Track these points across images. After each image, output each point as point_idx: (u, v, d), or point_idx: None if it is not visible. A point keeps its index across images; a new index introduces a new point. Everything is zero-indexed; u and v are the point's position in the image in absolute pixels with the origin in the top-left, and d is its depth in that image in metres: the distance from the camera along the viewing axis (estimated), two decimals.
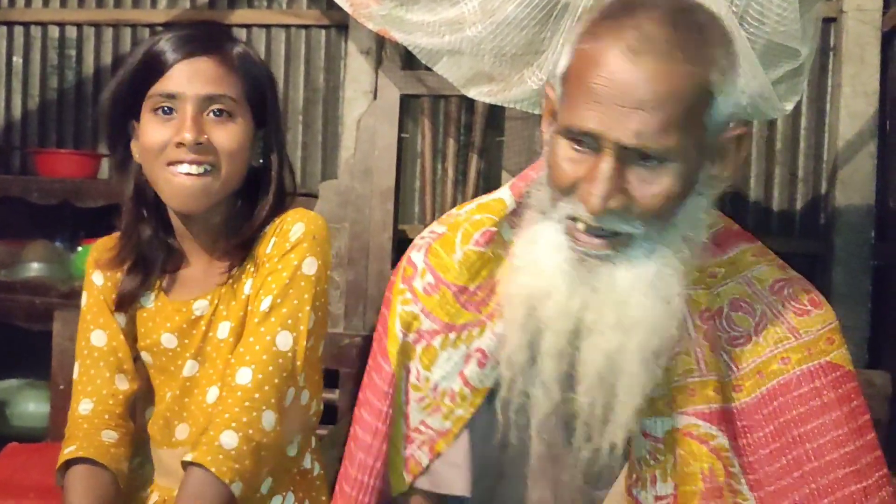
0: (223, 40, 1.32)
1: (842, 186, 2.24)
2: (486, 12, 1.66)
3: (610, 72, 0.93)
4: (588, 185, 0.95)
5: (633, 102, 0.92)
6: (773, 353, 1.09)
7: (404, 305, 1.11)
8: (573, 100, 0.96)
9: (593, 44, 0.95)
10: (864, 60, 2.22)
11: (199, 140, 1.24)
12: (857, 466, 1.06)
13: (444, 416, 1.10)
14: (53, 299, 2.32)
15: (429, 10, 1.75)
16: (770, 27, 1.43)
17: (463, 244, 1.10)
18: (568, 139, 0.97)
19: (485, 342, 1.09)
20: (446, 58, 1.80)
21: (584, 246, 0.99)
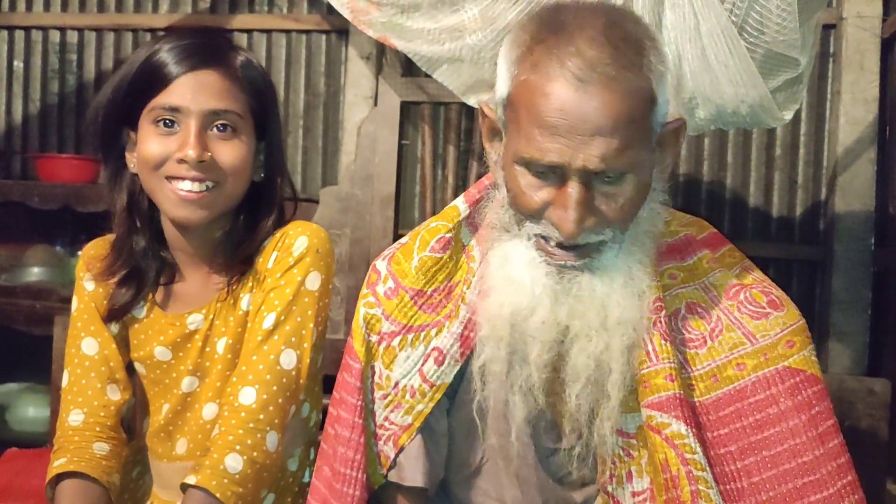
0: (227, 51, 1.28)
1: (841, 193, 2.25)
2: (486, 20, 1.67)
3: (562, 104, 0.95)
4: (560, 211, 0.98)
5: (590, 130, 0.95)
6: (729, 359, 1.09)
7: (368, 308, 1.17)
8: (526, 131, 0.97)
9: (535, 73, 0.97)
10: (864, 67, 2.23)
11: (202, 158, 1.21)
12: (816, 476, 1.05)
13: (405, 412, 1.15)
14: (54, 303, 2.33)
15: (429, 17, 1.76)
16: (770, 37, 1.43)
17: (420, 251, 1.17)
18: (525, 168, 1.00)
19: (441, 341, 1.14)
20: (446, 65, 1.81)
21: (560, 260, 1.03)
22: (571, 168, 0.96)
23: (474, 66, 1.76)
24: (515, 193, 1.02)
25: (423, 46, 1.78)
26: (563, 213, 0.98)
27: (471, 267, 1.15)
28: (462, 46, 1.71)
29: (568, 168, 0.96)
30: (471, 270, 1.15)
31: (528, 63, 0.98)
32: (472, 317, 1.13)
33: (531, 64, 0.97)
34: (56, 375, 1.97)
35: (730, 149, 2.41)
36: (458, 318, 1.14)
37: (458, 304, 1.14)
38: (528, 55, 0.98)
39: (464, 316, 1.14)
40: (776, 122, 1.66)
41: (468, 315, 1.13)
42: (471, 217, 1.18)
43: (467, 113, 2.44)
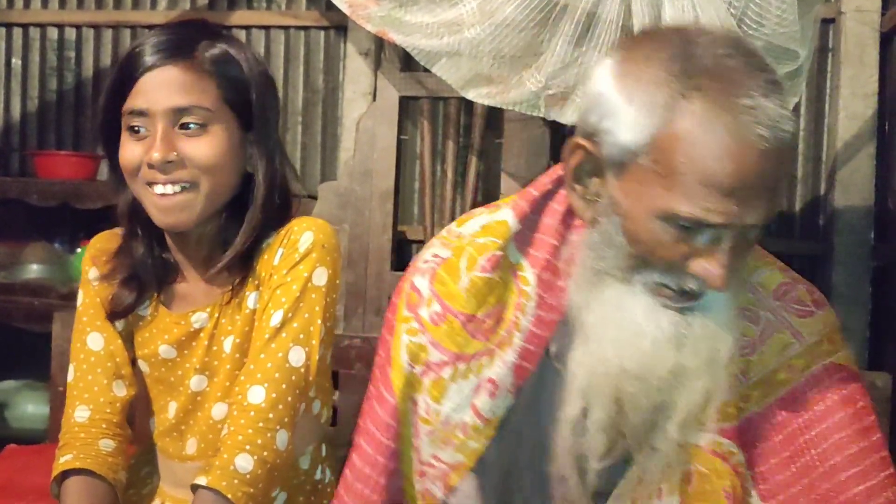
0: (195, 42, 1.22)
1: (841, 187, 2.24)
2: (484, 14, 1.67)
3: (742, 166, 0.88)
4: (712, 266, 0.93)
5: (763, 190, 0.90)
6: (780, 363, 1.08)
7: (411, 336, 1.08)
8: (686, 188, 0.90)
9: (703, 128, 0.89)
10: (863, 62, 2.22)
11: (167, 159, 1.18)
12: (860, 467, 1.05)
13: (456, 449, 1.07)
14: (53, 301, 2.32)
15: (427, 11, 1.75)
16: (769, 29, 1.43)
17: (469, 270, 1.06)
18: (672, 222, 0.93)
19: (495, 371, 1.06)
20: (445, 59, 1.81)
21: (680, 303, 0.98)
22: (738, 228, 0.92)
23: (473, 60, 1.75)
24: (652, 246, 0.95)
25: (421, 40, 1.78)
26: (718, 270, 0.93)
27: (524, 290, 1.06)
28: (461, 40, 1.71)
29: (733, 227, 0.92)
30: (524, 294, 1.06)
31: (687, 111, 0.89)
32: (527, 346, 1.06)
33: (692, 113, 0.89)
34: (55, 372, 1.97)
35: None
36: (511, 347, 1.05)
37: (512, 332, 1.06)
38: (683, 101, 0.89)
39: (518, 344, 1.06)
40: None
41: (523, 344, 1.06)
42: (520, 234, 1.07)
43: (466, 108, 2.44)
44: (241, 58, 1.25)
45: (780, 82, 0.92)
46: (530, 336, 1.05)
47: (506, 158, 2.27)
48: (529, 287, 1.06)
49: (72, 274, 2.46)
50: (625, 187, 0.95)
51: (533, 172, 2.24)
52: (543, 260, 1.06)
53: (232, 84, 1.23)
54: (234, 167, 1.24)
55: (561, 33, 1.66)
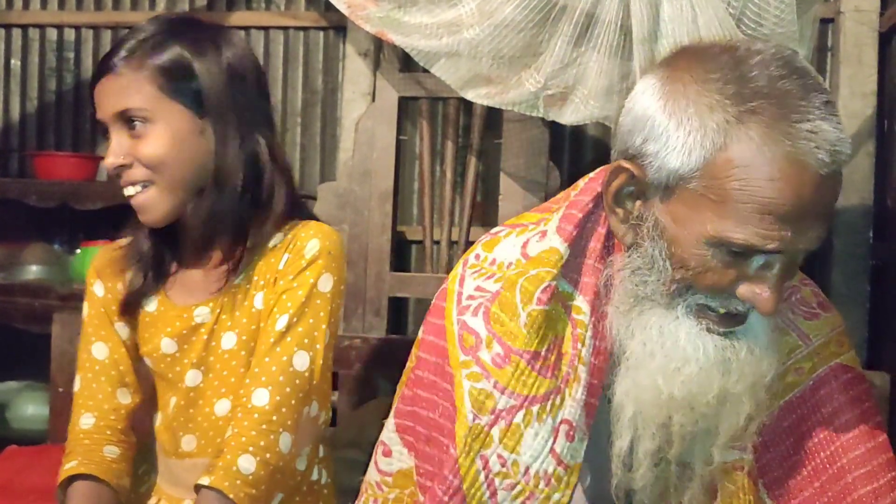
0: (135, 46, 1.24)
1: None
2: (483, 14, 1.67)
3: (800, 193, 0.86)
4: (761, 291, 0.92)
5: (818, 216, 0.89)
6: (788, 366, 1.07)
7: (474, 382, 1.00)
8: (738, 213, 0.88)
9: (761, 154, 0.86)
10: (862, 61, 2.22)
11: (116, 164, 1.23)
12: (868, 468, 1.05)
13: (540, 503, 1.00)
14: (52, 301, 2.32)
15: (426, 12, 1.76)
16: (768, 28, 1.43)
17: (525, 305, 1.00)
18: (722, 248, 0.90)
19: (569, 412, 1.00)
20: (444, 60, 1.81)
21: (724, 327, 0.96)
22: (790, 250, 0.90)
23: (472, 61, 1.75)
24: (701, 272, 0.92)
25: (420, 41, 1.78)
26: (768, 295, 0.91)
27: (579, 320, 1.01)
28: (460, 41, 1.71)
29: (787, 253, 0.90)
30: (580, 324, 1.01)
31: (743, 136, 0.86)
32: (591, 380, 1.01)
33: (749, 138, 0.86)
34: (55, 373, 1.97)
35: None
36: (578, 383, 1.00)
37: (576, 365, 1.00)
38: (739, 126, 0.87)
39: (585, 379, 1.00)
40: None
41: (588, 378, 1.01)
42: (568, 262, 1.02)
43: (466, 108, 2.44)
44: (186, 49, 1.24)
45: (834, 103, 0.90)
46: (593, 369, 1.01)
47: (505, 159, 2.27)
48: (584, 316, 1.01)
49: (71, 275, 2.46)
50: (672, 211, 0.93)
51: (532, 173, 2.25)
52: (594, 287, 1.02)
53: (169, 71, 1.23)
54: (189, 155, 1.25)
55: (560, 34, 1.66)
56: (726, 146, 0.87)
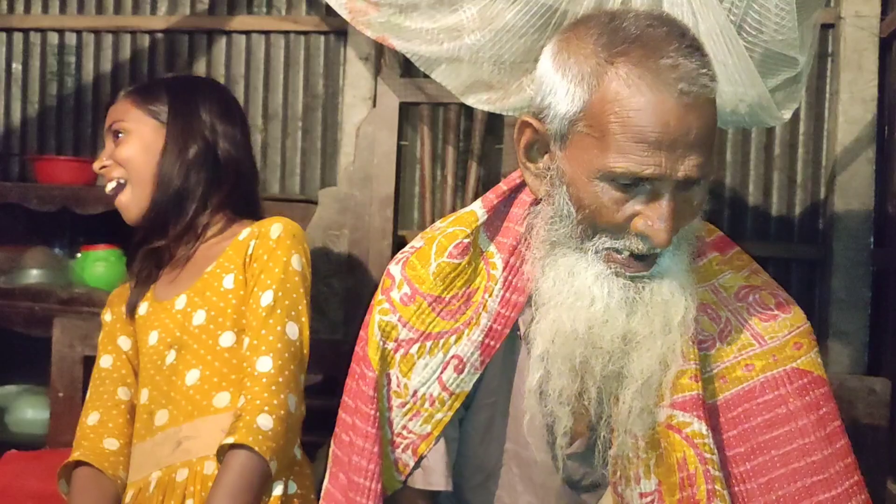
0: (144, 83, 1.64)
1: (840, 192, 2.25)
2: (484, 20, 1.66)
3: (666, 118, 0.94)
4: (653, 222, 0.98)
5: (691, 143, 0.96)
6: (737, 360, 1.10)
7: (383, 315, 1.16)
8: (618, 145, 0.96)
9: (629, 87, 0.96)
10: (862, 66, 2.23)
11: (101, 164, 1.56)
12: (825, 475, 1.06)
13: (423, 421, 1.15)
14: (53, 305, 2.32)
15: (427, 17, 1.75)
16: (768, 36, 1.43)
17: (437, 256, 1.15)
18: (612, 182, 0.99)
19: (461, 349, 1.13)
20: (445, 65, 1.81)
21: (633, 271, 1.02)
22: (670, 180, 0.96)
23: (473, 66, 1.75)
24: (595, 209, 1.00)
25: (421, 46, 1.78)
26: (659, 225, 0.98)
27: (492, 274, 1.14)
28: (460, 46, 1.71)
29: (666, 180, 0.96)
30: (492, 278, 1.14)
31: (613, 75, 0.97)
32: (493, 325, 1.13)
33: (618, 76, 0.96)
34: (55, 378, 1.97)
35: (729, 148, 2.41)
36: (478, 326, 1.13)
37: (479, 312, 1.13)
38: (611, 68, 0.97)
39: (485, 324, 1.13)
40: (775, 121, 1.66)
41: (489, 323, 1.13)
42: (488, 223, 1.16)
43: (466, 113, 2.44)
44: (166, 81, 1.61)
45: (700, 46, 0.99)
46: (497, 316, 1.13)
47: (506, 163, 2.27)
48: (497, 271, 1.14)
49: (72, 279, 2.46)
50: (568, 156, 1.02)
51: None
52: (510, 246, 1.14)
53: (149, 99, 1.56)
54: (152, 158, 1.53)
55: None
56: (600, 86, 0.98)
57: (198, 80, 1.73)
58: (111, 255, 2.43)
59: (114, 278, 2.36)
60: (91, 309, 2.28)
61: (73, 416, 1.86)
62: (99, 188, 2.54)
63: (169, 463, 1.40)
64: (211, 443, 1.37)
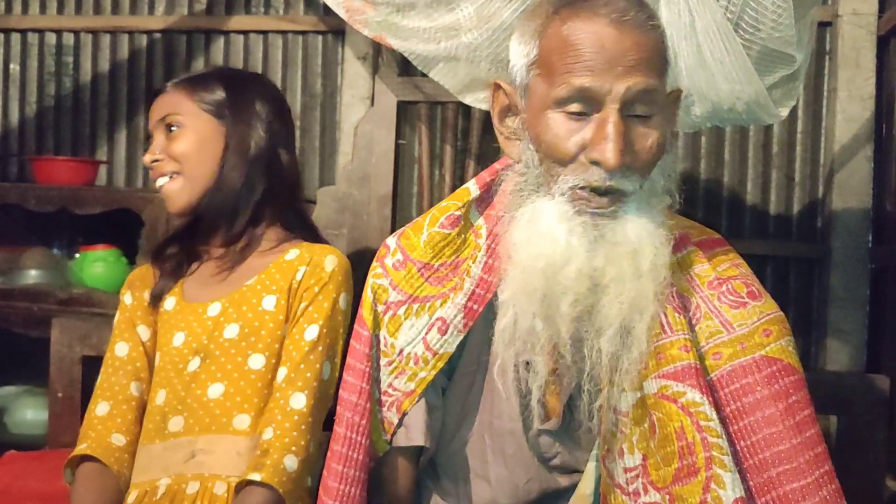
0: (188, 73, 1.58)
1: (839, 190, 2.25)
2: (482, 18, 1.67)
3: (601, 41, 1.02)
4: (601, 144, 1.03)
5: (629, 62, 1.02)
6: (706, 349, 1.10)
7: (375, 279, 1.23)
8: (562, 71, 1.04)
9: (567, 25, 1.04)
10: (860, 64, 2.23)
11: (153, 158, 1.51)
12: (794, 465, 1.05)
13: (408, 378, 1.20)
14: (51, 306, 2.32)
15: (425, 16, 1.75)
16: (765, 33, 1.43)
17: (430, 227, 1.21)
18: (562, 111, 1.04)
19: (445, 312, 1.19)
20: (442, 64, 1.81)
21: (593, 206, 1.05)
22: (611, 95, 1.02)
23: (470, 65, 1.75)
24: (550, 142, 1.06)
25: (418, 45, 1.78)
26: (606, 145, 1.02)
27: (478, 243, 1.20)
28: (458, 45, 1.71)
29: (608, 96, 1.02)
30: (477, 246, 1.19)
31: (557, 21, 1.05)
32: (476, 290, 1.18)
33: (560, 20, 1.05)
34: (54, 378, 1.97)
35: (727, 146, 2.41)
36: (462, 291, 1.18)
37: (464, 278, 1.18)
38: (555, 16, 1.06)
39: (468, 289, 1.18)
40: (772, 118, 1.66)
41: (472, 288, 1.18)
42: (480, 199, 1.22)
43: (464, 112, 2.44)
44: (218, 73, 1.56)
45: (645, 5, 1.07)
46: (479, 281, 1.18)
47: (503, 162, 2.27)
48: (481, 239, 1.19)
49: (70, 279, 2.46)
50: (529, 105, 1.10)
51: None
52: (496, 217, 1.19)
53: (205, 92, 1.51)
54: (210, 153, 1.49)
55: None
56: (546, 32, 1.07)
57: (252, 75, 1.65)
58: (110, 256, 2.43)
59: (113, 278, 2.35)
60: (90, 309, 2.28)
61: (72, 417, 1.87)
62: (97, 188, 2.54)
63: (180, 472, 1.38)
64: (225, 462, 1.36)
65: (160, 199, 2.26)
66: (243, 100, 1.52)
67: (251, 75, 1.63)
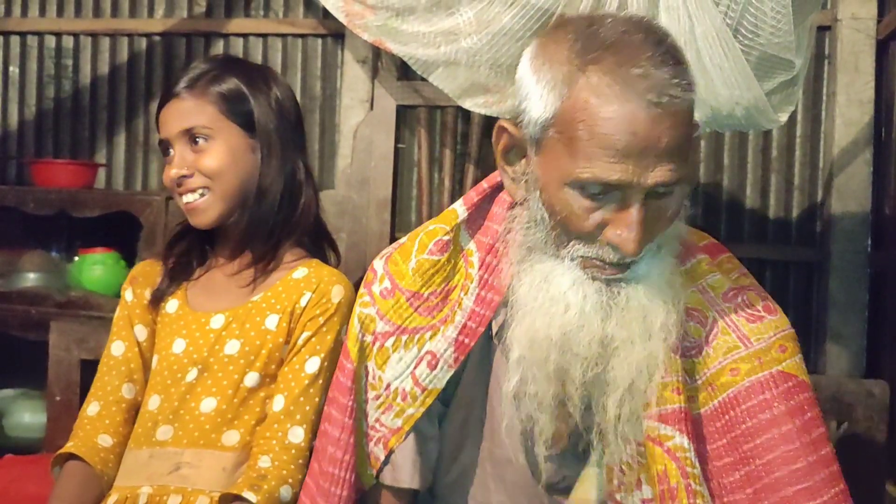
0: (200, 74, 1.44)
1: (838, 194, 2.25)
2: (481, 23, 1.67)
3: (634, 127, 0.94)
4: (622, 232, 0.98)
5: (660, 151, 0.95)
6: (723, 365, 1.09)
7: (363, 308, 1.18)
8: (586, 152, 0.96)
9: (598, 96, 0.95)
10: (859, 69, 2.23)
11: (181, 174, 1.41)
12: (809, 483, 1.04)
13: (395, 415, 1.16)
14: (50, 309, 2.32)
15: (424, 20, 1.76)
16: (764, 39, 1.44)
17: (418, 253, 1.17)
18: (580, 190, 0.98)
19: (435, 345, 1.14)
20: (442, 68, 1.81)
21: (606, 274, 1.02)
22: (639, 188, 0.96)
23: (470, 70, 1.75)
24: (566, 216, 1.00)
25: (418, 50, 1.78)
26: (628, 235, 0.97)
27: (469, 273, 1.15)
28: (457, 50, 1.71)
29: (635, 188, 0.96)
30: (469, 276, 1.15)
31: (584, 83, 0.96)
32: (468, 322, 1.14)
33: (589, 85, 0.96)
34: (52, 381, 1.96)
35: (726, 151, 2.41)
36: (453, 323, 1.14)
37: (455, 310, 1.14)
38: (581, 75, 0.96)
39: (459, 321, 1.14)
40: (771, 123, 1.66)
41: (464, 321, 1.14)
42: (469, 221, 1.17)
43: (463, 116, 2.44)
44: (242, 80, 1.45)
45: (675, 54, 0.98)
46: (471, 314, 1.13)
47: None
48: (473, 269, 1.14)
49: (69, 282, 2.46)
50: (542, 161, 1.02)
51: None
52: (488, 245, 1.15)
53: (232, 102, 1.43)
54: (242, 168, 1.43)
55: None
56: (571, 94, 0.97)
57: (270, 72, 1.54)
58: (108, 259, 2.42)
59: (111, 281, 2.35)
60: (88, 312, 2.28)
61: (70, 420, 1.85)
62: (96, 191, 2.54)
63: (163, 483, 1.37)
64: (209, 478, 1.36)
65: (159, 203, 2.24)
66: (271, 109, 1.45)
67: (270, 74, 1.53)
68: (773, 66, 1.50)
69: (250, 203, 1.43)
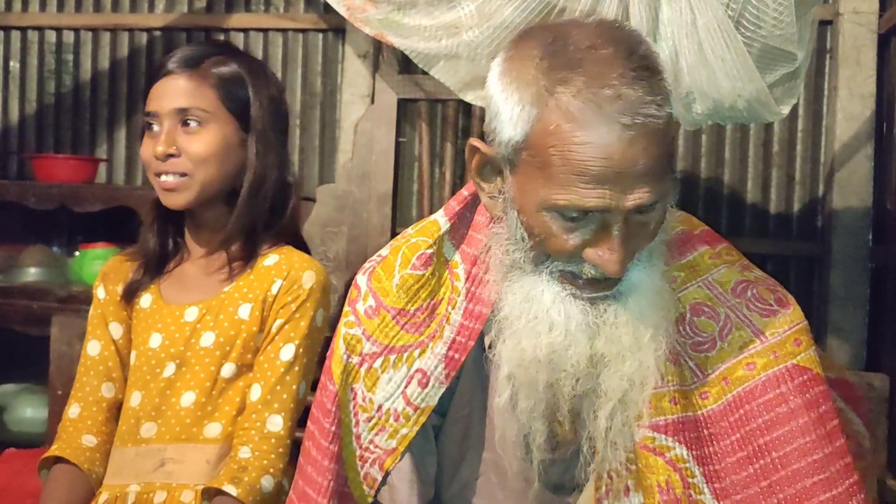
0: (204, 56, 1.41)
1: (839, 189, 2.25)
2: (483, 16, 1.67)
3: (608, 153, 0.90)
4: (604, 252, 0.95)
5: (636, 173, 0.91)
6: (739, 359, 1.08)
7: (348, 328, 1.13)
8: (560, 178, 0.92)
9: (569, 121, 0.91)
10: (861, 63, 2.23)
11: (168, 152, 1.37)
12: (826, 475, 1.04)
13: (389, 436, 1.13)
14: (51, 304, 2.32)
15: (426, 14, 1.75)
16: (766, 31, 1.43)
17: (401, 268, 1.13)
18: (557, 213, 0.95)
19: (425, 363, 1.11)
20: (443, 62, 1.81)
21: (589, 292, 0.99)
22: (618, 211, 0.92)
23: (471, 63, 1.75)
24: (545, 238, 0.97)
25: (419, 43, 1.78)
26: (609, 255, 0.94)
27: (455, 286, 1.12)
28: (459, 43, 1.71)
29: (614, 212, 0.93)
30: (455, 290, 1.12)
31: (553, 106, 0.91)
32: (456, 337, 1.11)
33: (559, 108, 0.91)
34: (54, 376, 1.97)
35: (727, 145, 2.41)
36: (441, 339, 1.11)
37: (443, 325, 1.11)
38: (550, 97, 0.92)
39: (448, 337, 1.11)
40: (773, 116, 1.66)
41: (453, 336, 1.11)
42: (452, 231, 1.13)
43: (464, 110, 2.44)
44: (244, 70, 1.43)
45: (649, 66, 0.93)
46: (460, 328, 1.11)
47: None
48: (460, 282, 1.11)
49: (70, 277, 2.46)
50: (517, 182, 0.98)
51: None
52: (473, 256, 1.12)
53: (228, 89, 1.40)
54: (228, 161, 1.40)
55: None
56: (541, 117, 0.92)
57: (268, 68, 1.51)
58: (109, 254, 2.42)
59: None
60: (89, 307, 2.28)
61: None
62: (97, 186, 2.54)
63: (149, 480, 1.37)
64: (194, 471, 1.36)
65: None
66: (269, 105, 1.43)
67: (265, 69, 1.50)
68: (776, 58, 1.50)
69: (244, 199, 1.40)
